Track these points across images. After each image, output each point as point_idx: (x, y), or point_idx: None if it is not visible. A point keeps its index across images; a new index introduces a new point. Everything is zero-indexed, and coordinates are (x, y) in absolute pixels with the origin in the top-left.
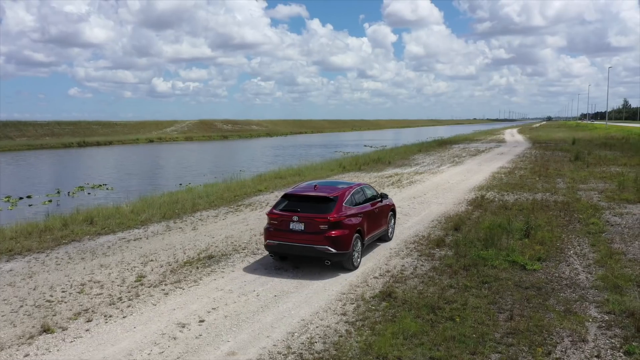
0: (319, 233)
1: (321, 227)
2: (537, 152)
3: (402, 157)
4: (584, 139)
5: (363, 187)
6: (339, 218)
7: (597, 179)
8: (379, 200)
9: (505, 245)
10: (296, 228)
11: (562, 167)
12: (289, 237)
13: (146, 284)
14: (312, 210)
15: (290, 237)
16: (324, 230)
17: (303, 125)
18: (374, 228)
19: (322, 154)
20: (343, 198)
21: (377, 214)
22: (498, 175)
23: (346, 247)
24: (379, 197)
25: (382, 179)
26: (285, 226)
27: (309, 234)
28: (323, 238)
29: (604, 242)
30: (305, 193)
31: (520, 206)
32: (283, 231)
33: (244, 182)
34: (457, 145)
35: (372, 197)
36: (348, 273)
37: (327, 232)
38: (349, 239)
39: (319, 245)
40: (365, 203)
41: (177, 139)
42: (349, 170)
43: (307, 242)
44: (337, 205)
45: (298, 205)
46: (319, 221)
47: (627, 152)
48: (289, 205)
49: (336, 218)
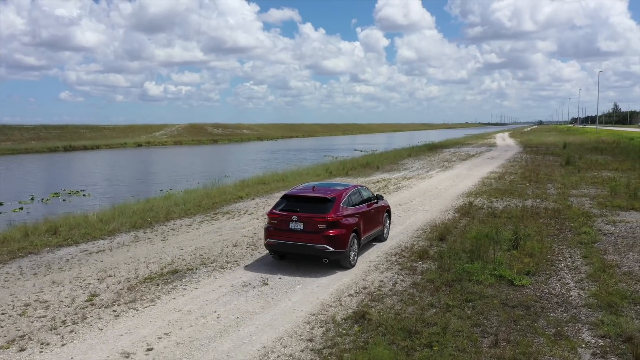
0: (318, 232)
1: (319, 226)
2: (527, 157)
3: (391, 161)
4: (575, 143)
5: (359, 189)
6: (337, 218)
7: (589, 185)
8: (375, 201)
9: (492, 257)
10: (295, 227)
11: (553, 171)
12: (288, 236)
13: (97, 304)
14: (311, 211)
15: (289, 236)
16: (322, 229)
17: (294, 129)
18: (370, 228)
19: (311, 158)
20: (340, 199)
21: (372, 214)
22: (488, 180)
23: (343, 245)
24: (374, 199)
25: (369, 184)
26: (285, 226)
27: (308, 233)
28: (321, 237)
29: (597, 253)
30: (304, 194)
31: (510, 213)
32: (283, 230)
33: (225, 189)
34: (448, 149)
35: (368, 198)
36: (321, 290)
37: (325, 232)
38: (346, 238)
39: (317, 244)
40: (361, 204)
41: (166, 143)
42: (336, 175)
43: (306, 241)
44: (334, 205)
45: (297, 205)
46: (317, 221)
47: (618, 157)
48: (288, 205)
49: (334, 218)
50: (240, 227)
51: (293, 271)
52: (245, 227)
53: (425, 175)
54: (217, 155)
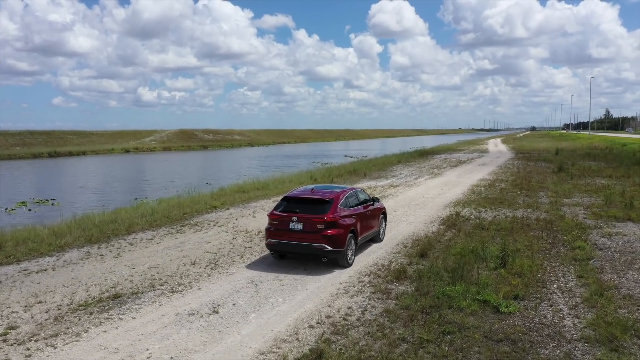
0: (317, 232)
1: (318, 226)
2: (519, 163)
3: (379, 168)
4: (568, 149)
5: (356, 191)
6: (335, 218)
7: (582, 193)
8: (371, 203)
9: (476, 278)
10: (295, 228)
11: (545, 179)
12: (288, 236)
13: (10, 340)
14: (310, 211)
15: (289, 236)
16: (320, 229)
17: (287, 135)
18: (367, 229)
19: (299, 165)
20: (338, 200)
21: (369, 215)
22: (477, 188)
23: (341, 245)
24: (370, 201)
25: None
26: (285, 226)
27: (307, 233)
28: (320, 237)
29: (593, 271)
30: (304, 196)
31: (498, 225)
32: (283, 231)
33: (200, 197)
34: (439, 155)
35: (365, 200)
36: (277, 320)
37: (323, 231)
38: (343, 238)
39: (316, 243)
40: (358, 206)
41: (155, 149)
42: (320, 183)
43: (305, 241)
44: (332, 206)
45: (297, 206)
46: (316, 221)
47: (612, 163)
48: (288, 206)
49: (332, 218)
50: (205, 242)
51: (251, 296)
52: (210, 242)
53: (413, 182)
54: (204, 162)
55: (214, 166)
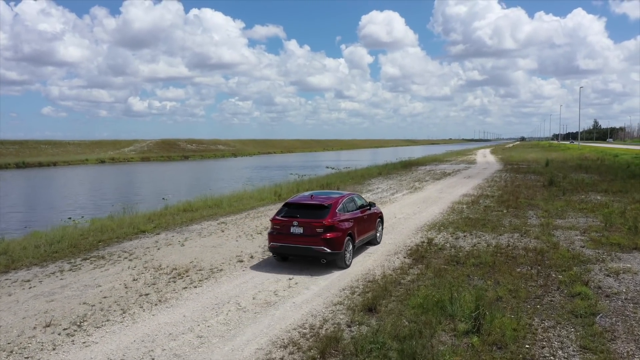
0: (316, 235)
1: (317, 230)
2: (507, 176)
3: (356, 181)
4: (558, 160)
5: (353, 197)
6: (333, 222)
7: (577, 211)
8: (368, 208)
9: (436, 353)
10: (296, 232)
11: (535, 194)
12: (289, 240)
13: None
14: (310, 216)
15: (290, 239)
16: (320, 233)
17: (274, 145)
18: (364, 232)
19: (275, 177)
20: (336, 205)
21: (366, 220)
22: (459, 206)
23: (339, 247)
24: (367, 206)
25: None
26: (286, 230)
27: (307, 237)
28: (319, 240)
29: (601, 338)
30: (304, 201)
31: (478, 259)
32: (284, 234)
33: (132, 219)
34: (424, 167)
35: (362, 205)
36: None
37: (322, 235)
38: (341, 241)
39: (315, 246)
40: (355, 210)
41: (133, 159)
42: (282, 200)
43: (305, 244)
44: (331, 211)
45: (297, 211)
46: (315, 225)
47: (605, 175)
48: (289, 212)
49: (330, 222)
50: (93, 286)
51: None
52: (101, 286)
53: (389, 199)
54: (176, 173)
55: (183, 178)
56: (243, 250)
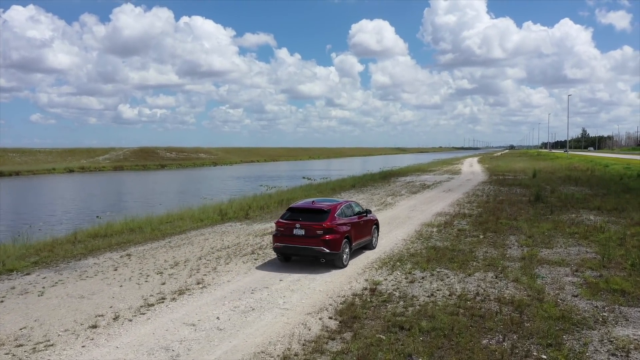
0: (316, 237)
1: (318, 232)
2: (491, 189)
3: (325, 195)
4: (546, 171)
5: (351, 204)
6: (332, 225)
7: (567, 237)
8: (364, 215)
9: None
10: (298, 233)
11: (519, 212)
12: (292, 241)
13: None
14: (311, 220)
15: (293, 240)
16: (320, 234)
17: (260, 153)
18: (360, 236)
19: (244, 189)
20: (335, 210)
21: (362, 225)
22: (428, 229)
23: (337, 248)
24: (364, 213)
25: (249, 237)
26: (290, 232)
27: (308, 238)
28: (319, 241)
29: None
30: (306, 206)
31: (432, 319)
32: (288, 236)
33: (16, 249)
34: (404, 177)
35: (359, 212)
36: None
37: (322, 236)
38: (339, 242)
39: (316, 246)
40: (353, 216)
41: (104, 168)
42: (226, 221)
43: (306, 244)
44: (330, 215)
45: (300, 215)
46: (316, 228)
47: (597, 189)
48: (292, 215)
49: (329, 225)
50: None
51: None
52: None
53: None
54: (139, 185)
55: (142, 190)
56: (116, 305)
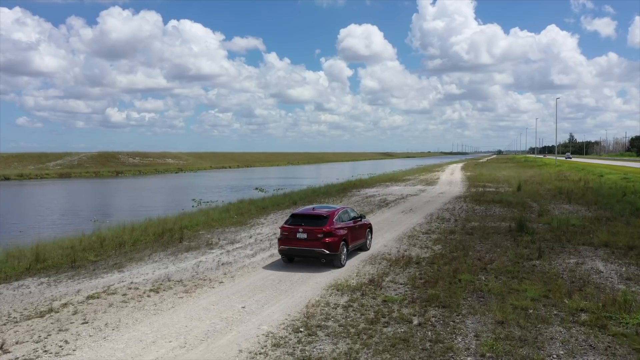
0: (317, 240)
1: (318, 235)
2: (463, 208)
3: (248, 216)
4: (533, 181)
5: (347, 210)
6: (331, 229)
7: (568, 324)
8: (359, 219)
9: None
10: (301, 237)
11: (493, 253)
12: (296, 243)
13: None
14: (312, 224)
15: (296, 243)
16: (320, 237)
17: (235, 159)
18: (355, 239)
19: (167, 205)
20: (333, 216)
21: (357, 229)
22: (323, 310)
23: (336, 249)
24: (359, 218)
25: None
26: (293, 235)
27: (310, 241)
28: (320, 243)
29: None
30: (307, 213)
31: None
32: (291, 239)
33: None
34: (367, 190)
35: (354, 217)
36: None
37: (322, 239)
38: (338, 244)
39: (317, 248)
40: (349, 221)
41: (47, 176)
42: (93, 261)
43: (308, 246)
44: (329, 220)
45: (302, 220)
46: (317, 231)
47: (597, 209)
48: (295, 221)
49: (329, 229)
50: None
51: None
52: None
53: (208, 280)
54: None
55: (67, 204)
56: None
